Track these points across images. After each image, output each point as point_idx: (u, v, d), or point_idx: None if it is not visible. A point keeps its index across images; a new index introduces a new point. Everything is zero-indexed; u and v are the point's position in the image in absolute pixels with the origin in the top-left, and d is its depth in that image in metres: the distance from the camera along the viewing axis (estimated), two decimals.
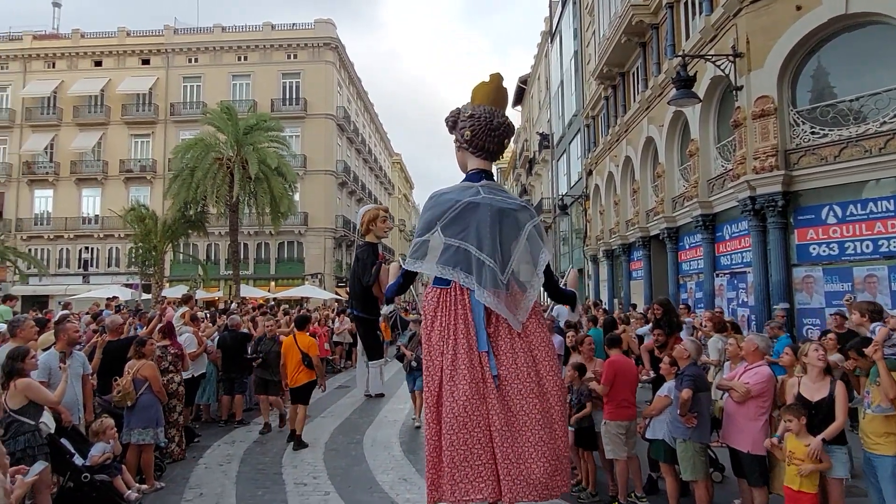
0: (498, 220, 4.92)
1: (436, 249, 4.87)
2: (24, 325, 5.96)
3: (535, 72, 40.67)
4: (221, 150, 25.56)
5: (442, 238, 4.83)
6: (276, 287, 34.10)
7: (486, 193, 5.04)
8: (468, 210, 4.91)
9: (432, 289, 4.90)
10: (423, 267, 4.88)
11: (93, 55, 37.80)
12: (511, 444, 4.35)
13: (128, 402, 6.14)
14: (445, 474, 4.40)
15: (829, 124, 10.27)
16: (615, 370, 5.68)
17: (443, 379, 4.64)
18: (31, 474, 2.51)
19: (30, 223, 36.69)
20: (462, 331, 4.63)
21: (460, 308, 4.69)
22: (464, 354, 4.56)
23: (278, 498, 6.02)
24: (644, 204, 18.03)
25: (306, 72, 37.22)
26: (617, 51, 18.57)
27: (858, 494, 5.72)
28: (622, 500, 5.56)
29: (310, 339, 8.44)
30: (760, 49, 10.95)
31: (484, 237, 4.84)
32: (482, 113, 5.19)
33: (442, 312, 4.75)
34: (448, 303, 4.77)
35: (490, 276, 4.72)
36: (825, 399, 4.44)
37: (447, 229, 4.85)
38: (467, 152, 5.31)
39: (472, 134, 5.18)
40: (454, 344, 4.62)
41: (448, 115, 5.40)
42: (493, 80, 5.40)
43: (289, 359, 8.17)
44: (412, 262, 4.97)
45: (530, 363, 4.60)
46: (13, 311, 12.28)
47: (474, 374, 4.50)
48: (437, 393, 4.64)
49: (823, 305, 10.10)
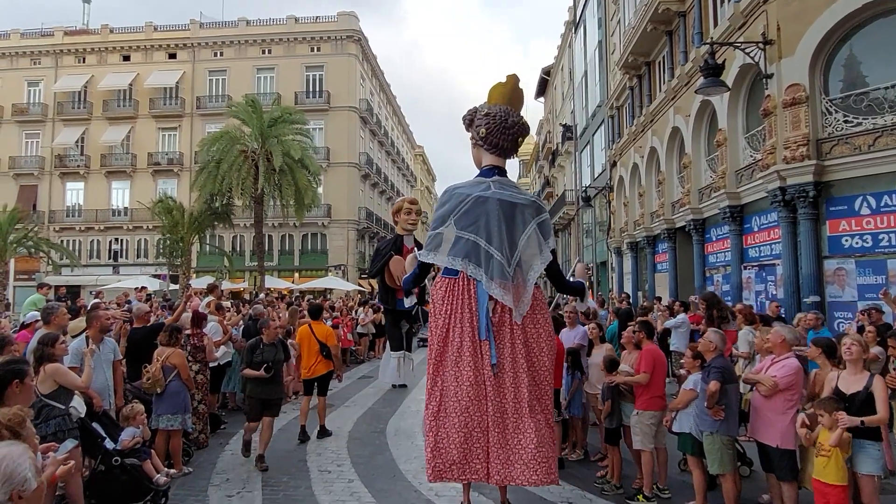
0: (506, 214, 5.09)
1: (448, 241, 5.02)
2: (57, 313, 6.11)
3: (558, 62, 40.27)
4: (246, 142, 25.84)
5: (454, 230, 5.00)
6: (300, 278, 34.44)
7: (497, 188, 5.22)
8: (478, 204, 5.09)
9: (441, 279, 5.10)
10: (437, 258, 5.09)
11: (121, 50, 38.46)
12: (501, 431, 4.62)
13: (157, 388, 6.25)
14: (444, 455, 4.70)
15: (862, 113, 9.98)
16: (654, 358, 5.63)
17: (447, 365, 4.88)
18: (61, 451, 2.58)
19: (62, 215, 37.58)
20: (467, 319, 4.88)
21: (466, 298, 4.93)
22: (468, 342, 4.82)
23: (303, 485, 6.09)
24: (670, 195, 17.77)
25: (329, 64, 37.39)
26: (642, 40, 18.27)
27: (894, 492, 5.60)
28: (647, 492, 5.51)
29: (327, 328, 8.19)
30: (791, 36, 10.68)
31: (493, 230, 5.02)
32: (498, 112, 5.33)
33: (449, 301, 4.99)
34: (456, 292, 5.00)
35: (497, 268, 4.93)
36: (859, 393, 4.33)
37: (459, 222, 5.05)
38: (482, 149, 5.47)
39: (488, 132, 5.32)
40: (460, 332, 4.86)
41: (465, 114, 5.62)
42: (509, 80, 5.54)
43: (305, 349, 7.92)
44: (426, 253, 5.17)
45: (525, 354, 4.83)
46: (46, 299, 12.58)
47: (476, 362, 4.76)
48: (441, 378, 4.91)
49: (856, 298, 9.86)
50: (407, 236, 10.38)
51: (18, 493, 1.74)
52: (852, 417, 4.14)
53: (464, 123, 5.58)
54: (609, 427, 6.07)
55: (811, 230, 10.41)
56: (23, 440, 2.31)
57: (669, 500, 5.49)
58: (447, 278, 5.04)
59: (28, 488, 1.78)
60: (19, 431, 2.38)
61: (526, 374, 4.72)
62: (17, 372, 3.39)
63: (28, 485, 1.78)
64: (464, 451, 4.63)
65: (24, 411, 2.79)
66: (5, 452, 1.79)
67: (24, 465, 1.79)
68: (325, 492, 5.86)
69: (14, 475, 1.75)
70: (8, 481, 1.73)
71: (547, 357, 4.84)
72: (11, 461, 1.77)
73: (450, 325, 4.89)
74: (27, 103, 38.37)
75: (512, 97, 5.50)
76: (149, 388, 6.28)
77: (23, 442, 2.25)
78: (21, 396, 3.39)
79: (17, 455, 1.81)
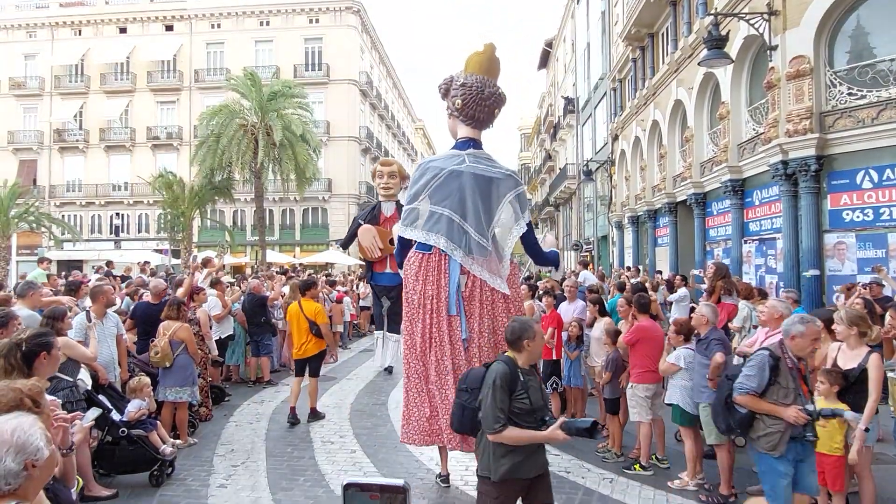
0: (481, 188, 5.15)
1: (423, 216, 5.06)
2: (36, 290, 6.14)
3: (560, 34, 39.67)
4: (246, 116, 25.65)
5: (429, 205, 5.04)
6: (301, 252, 34.49)
7: (472, 162, 5.22)
8: (452, 178, 5.12)
9: (414, 253, 5.15)
10: (413, 234, 5.11)
11: (117, 22, 37.90)
12: None
13: (166, 363, 6.34)
14: (414, 424, 5.00)
15: (867, 85, 9.88)
16: (640, 334, 5.69)
17: (416, 340, 5.06)
18: (87, 419, 2.66)
19: (62, 190, 37.47)
20: (440, 294, 5.01)
21: (438, 273, 5.04)
22: (437, 317, 4.98)
23: (306, 455, 6.21)
24: (671, 169, 17.69)
25: (328, 36, 36.86)
26: (646, 10, 18.00)
27: (887, 462, 5.71)
28: (644, 462, 5.63)
29: (316, 305, 7.64)
30: (797, 6, 10.51)
31: (467, 205, 5.09)
32: (474, 82, 5.28)
33: (423, 277, 5.10)
34: (430, 268, 5.10)
35: (473, 244, 5.02)
36: (854, 369, 4.39)
37: (433, 196, 5.09)
38: (458, 120, 5.41)
39: (463, 103, 5.28)
40: (431, 308, 5.00)
41: (441, 83, 5.53)
42: (486, 49, 5.46)
43: (294, 328, 7.53)
44: (403, 228, 5.23)
45: (493, 328, 5.00)
46: (47, 273, 12.65)
47: (445, 337, 4.93)
48: (413, 353, 5.08)
49: (855, 272, 9.89)
50: (386, 202, 9.97)
51: (32, 462, 1.79)
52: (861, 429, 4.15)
53: (439, 92, 5.49)
54: (608, 397, 6.18)
55: (812, 204, 10.39)
56: (41, 409, 2.38)
57: (668, 469, 5.61)
58: (420, 253, 5.13)
59: (41, 457, 1.82)
60: (39, 401, 2.46)
61: (491, 349, 4.92)
62: (45, 344, 3.51)
63: (41, 454, 1.82)
64: (430, 422, 4.96)
65: (43, 383, 2.88)
66: (15, 424, 1.82)
67: (35, 435, 1.82)
68: (328, 462, 5.98)
69: (27, 445, 1.79)
70: (21, 452, 1.77)
71: None
72: (23, 432, 1.80)
73: (421, 301, 5.03)
74: (24, 77, 37.97)
75: (488, 66, 5.42)
76: (157, 363, 6.36)
77: (41, 412, 2.33)
78: (48, 367, 3.54)
79: (28, 426, 1.84)
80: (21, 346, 3.38)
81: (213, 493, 5.20)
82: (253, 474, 5.64)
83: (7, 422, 1.83)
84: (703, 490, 5.11)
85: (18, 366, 3.35)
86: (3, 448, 1.75)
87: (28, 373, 3.32)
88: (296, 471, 5.75)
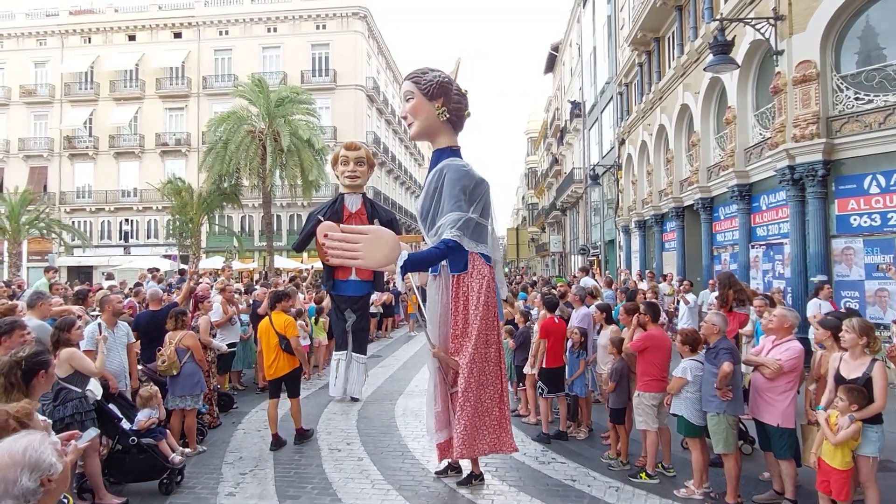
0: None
1: (487, 232, 5.30)
2: (45, 300, 6.16)
3: (566, 38, 39.68)
4: (253, 122, 25.81)
5: (485, 220, 5.29)
6: (309, 258, 34.58)
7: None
8: (488, 190, 5.29)
9: (485, 265, 5.23)
10: (487, 250, 5.23)
11: (126, 29, 38.29)
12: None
13: (173, 371, 6.40)
14: (488, 428, 5.32)
15: (874, 90, 9.86)
16: (648, 342, 5.69)
17: (496, 348, 5.36)
18: (83, 440, 2.67)
19: (72, 196, 37.83)
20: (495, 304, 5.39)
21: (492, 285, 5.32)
22: (499, 325, 5.49)
23: (314, 462, 6.25)
24: (678, 174, 17.67)
25: (335, 42, 37.08)
26: (652, 15, 18.01)
27: (894, 469, 5.67)
28: (650, 471, 5.62)
29: (286, 317, 6.89)
30: (803, 11, 10.51)
31: (493, 216, 5.40)
32: (465, 96, 5.39)
33: (494, 287, 5.28)
34: (492, 278, 5.29)
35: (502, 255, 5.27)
36: (858, 379, 4.38)
37: (484, 209, 5.29)
38: (448, 126, 5.31)
39: (466, 114, 5.36)
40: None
41: (436, 76, 5.21)
42: (457, 65, 5.51)
43: (264, 344, 6.84)
44: (473, 244, 5.10)
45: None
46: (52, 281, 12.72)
47: (499, 343, 5.58)
48: (494, 359, 5.28)
49: (863, 278, 9.85)
50: (350, 195, 8.74)
51: (48, 477, 1.81)
52: (847, 417, 4.17)
53: (431, 85, 5.19)
54: (614, 407, 6.16)
55: (819, 209, 10.36)
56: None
57: (674, 478, 5.60)
58: (489, 265, 5.29)
59: (55, 472, 1.83)
60: (27, 423, 2.46)
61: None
62: (43, 363, 3.51)
63: (55, 468, 1.83)
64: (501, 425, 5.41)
65: (32, 405, 2.89)
66: (26, 443, 1.82)
67: (47, 451, 1.83)
68: (335, 469, 6.01)
69: (40, 462, 1.79)
70: (36, 469, 1.77)
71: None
72: (34, 450, 1.80)
73: (496, 311, 5.38)
74: (34, 84, 38.41)
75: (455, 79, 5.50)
76: (164, 371, 6.42)
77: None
78: (44, 385, 3.54)
79: (38, 442, 1.84)
80: (21, 365, 3.39)
81: (221, 501, 5.24)
82: (261, 482, 5.68)
83: (17, 441, 1.84)
84: (708, 498, 5.10)
85: (18, 384, 3.36)
86: (17, 468, 1.77)
87: (27, 391, 3.35)
88: (303, 478, 5.78)
